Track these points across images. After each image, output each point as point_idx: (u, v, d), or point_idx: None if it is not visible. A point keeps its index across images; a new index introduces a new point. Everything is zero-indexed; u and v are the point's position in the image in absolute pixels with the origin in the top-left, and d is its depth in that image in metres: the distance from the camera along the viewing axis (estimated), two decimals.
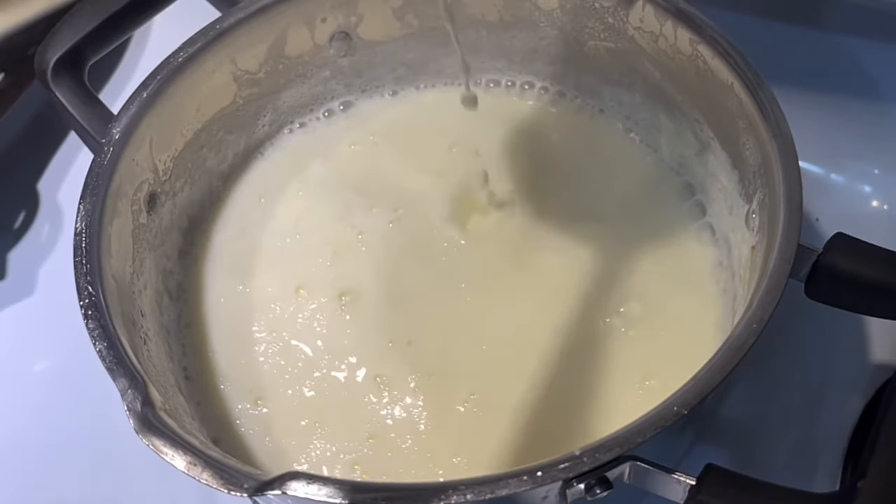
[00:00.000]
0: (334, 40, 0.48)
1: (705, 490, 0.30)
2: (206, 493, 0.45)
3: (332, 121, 0.50)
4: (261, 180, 0.48)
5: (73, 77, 0.42)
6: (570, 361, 0.40)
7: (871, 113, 0.50)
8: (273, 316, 0.43)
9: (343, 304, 0.43)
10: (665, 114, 0.45)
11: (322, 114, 0.50)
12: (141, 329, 0.37)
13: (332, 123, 0.50)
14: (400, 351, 0.41)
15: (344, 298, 0.43)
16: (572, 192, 0.46)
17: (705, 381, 0.30)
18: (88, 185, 0.38)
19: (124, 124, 0.39)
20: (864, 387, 0.45)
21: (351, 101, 0.50)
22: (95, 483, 0.46)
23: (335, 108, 0.50)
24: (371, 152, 0.48)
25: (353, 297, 0.43)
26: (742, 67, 0.38)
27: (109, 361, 0.32)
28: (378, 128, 0.49)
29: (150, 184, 0.41)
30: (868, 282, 0.34)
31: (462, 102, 0.45)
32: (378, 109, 0.50)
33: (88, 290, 0.34)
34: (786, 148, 0.35)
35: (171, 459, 0.30)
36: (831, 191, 0.51)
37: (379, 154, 0.48)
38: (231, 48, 0.44)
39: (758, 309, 0.31)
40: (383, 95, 0.50)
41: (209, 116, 0.45)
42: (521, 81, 0.50)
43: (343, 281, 0.44)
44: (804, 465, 0.44)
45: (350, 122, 0.50)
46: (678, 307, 0.41)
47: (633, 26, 0.43)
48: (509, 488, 0.28)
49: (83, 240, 0.36)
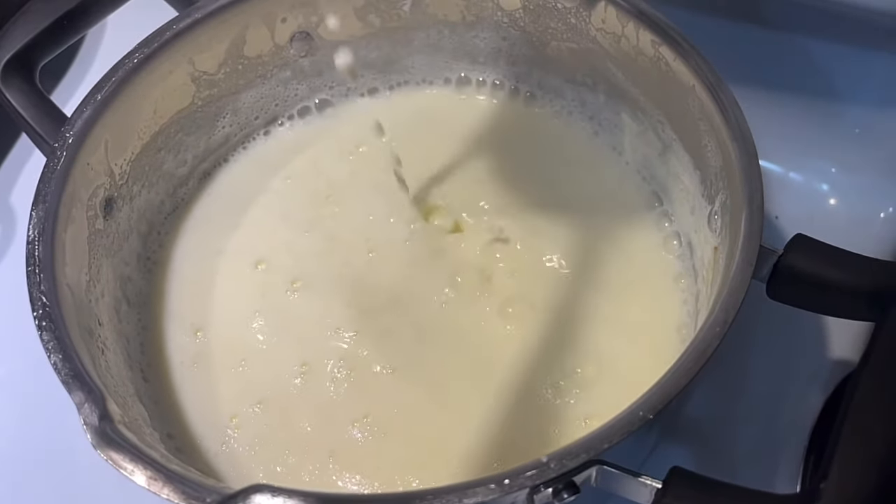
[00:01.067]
0: (294, 40, 0.47)
1: (671, 493, 0.30)
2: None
3: (298, 124, 0.49)
4: (223, 184, 0.47)
5: (24, 78, 0.41)
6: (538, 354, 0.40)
7: (829, 112, 0.51)
8: (235, 315, 0.42)
9: (298, 298, 0.43)
10: (628, 114, 0.45)
11: (287, 117, 0.49)
12: (98, 339, 0.36)
13: (299, 127, 0.49)
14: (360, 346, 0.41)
15: (297, 291, 0.43)
16: (535, 191, 0.46)
17: (671, 384, 0.30)
18: (41, 191, 0.37)
19: (78, 127, 0.38)
20: (823, 383, 0.46)
21: (309, 106, 0.50)
22: (52, 498, 0.44)
23: (303, 110, 0.50)
24: (338, 155, 0.48)
25: (310, 291, 0.43)
26: (703, 69, 0.39)
27: (65, 374, 0.31)
28: (344, 132, 0.49)
29: (106, 188, 0.40)
30: (827, 282, 0.34)
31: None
32: (343, 111, 0.50)
33: (42, 300, 0.33)
34: (747, 150, 0.36)
35: (130, 475, 0.29)
36: (790, 189, 0.52)
37: (344, 157, 0.48)
38: (189, 48, 0.43)
39: (721, 312, 0.32)
40: (348, 97, 0.50)
41: (167, 118, 0.44)
42: (488, 79, 0.50)
43: (305, 279, 0.43)
44: (766, 461, 0.44)
45: (317, 125, 0.49)
46: (640, 306, 0.42)
47: (596, 27, 0.43)
48: (477, 496, 0.28)
49: (36, 248, 0.35)
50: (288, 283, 0.43)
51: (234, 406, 0.39)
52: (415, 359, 0.40)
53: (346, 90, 0.50)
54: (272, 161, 0.48)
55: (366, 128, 0.46)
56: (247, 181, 0.47)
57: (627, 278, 0.43)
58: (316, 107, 0.50)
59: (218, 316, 0.42)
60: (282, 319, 0.42)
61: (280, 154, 0.48)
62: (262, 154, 0.48)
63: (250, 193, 0.47)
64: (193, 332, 0.42)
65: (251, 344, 0.41)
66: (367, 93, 0.50)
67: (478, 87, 0.50)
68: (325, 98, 0.50)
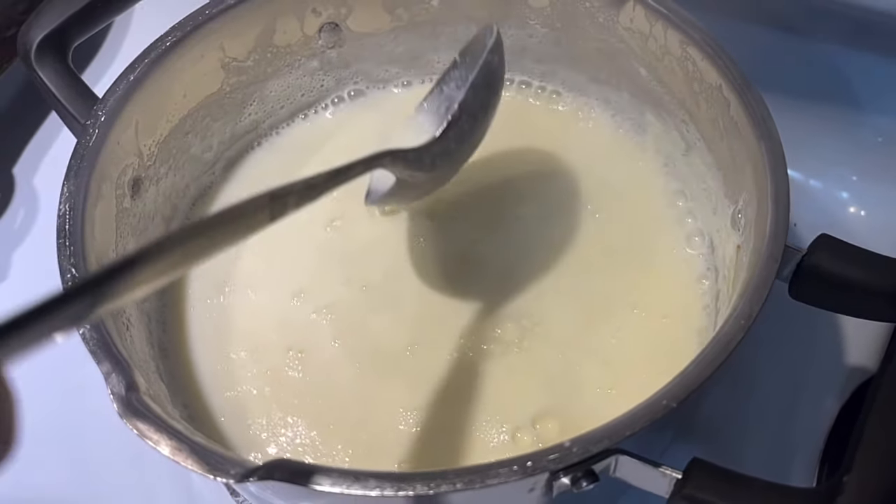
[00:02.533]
0: (323, 31, 0.47)
1: (691, 484, 0.30)
2: (182, 482, 0.45)
3: (326, 115, 0.50)
4: (249, 172, 0.47)
5: (57, 58, 0.42)
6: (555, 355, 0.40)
7: (851, 120, 0.51)
8: (254, 308, 0.43)
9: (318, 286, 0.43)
10: (652, 113, 0.45)
11: (317, 108, 0.50)
12: (123, 315, 0.37)
13: (327, 117, 0.49)
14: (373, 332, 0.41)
15: (311, 291, 0.43)
16: (552, 188, 0.46)
17: (694, 375, 0.30)
18: (72, 167, 0.37)
19: (110, 106, 0.39)
20: (839, 390, 0.46)
21: (342, 96, 0.50)
22: (68, 473, 0.45)
23: (334, 100, 0.50)
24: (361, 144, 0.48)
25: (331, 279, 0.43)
26: (731, 70, 0.39)
27: (93, 344, 0.31)
28: (369, 122, 0.49)
29: (134, 168, 0.41)
30: (852, 283, 0.34)
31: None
32: (372, 103, 0.50)
33: (72, 272, 0.34)
34: (774, 149, 0.36)
35: (155, 444, 0.29)
36: (809, 196, 0.52)
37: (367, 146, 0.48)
38: (220, 34, 0.43)
39: (746, 305, 0.32)
40: (382, 88, 0.50)
41: (195, 103, 0.44)
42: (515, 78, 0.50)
43: (326, 274, 0.43)
44: (780, 465, 0.44)
45: (345, 115, 0.49)
46: (662, 305, 0.42)
47: (623, 26, 0.44)
48: (499, 478, 0.28)
49: (66, 221, 0.35)
50: (309, 275, 0.43)
51: (253, 383, 0.40)
52: (435, 327, 0.41)
53: (383, 84, 0.50)
54: (300, 150, 0.48)
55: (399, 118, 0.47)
56: (273, 170, 0.47)
57: (648, 277, 0.43)
58: (349, 96, 0.50)
59: (239, 297, 0.42)
60: (304, 304, 0.42)
61: (307, 143, 0.48)
62: (288, 143, 0.48)
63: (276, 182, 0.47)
64: (215, 309, 0.42)
65: (272, 327, 0.42)
66: (401, 85, 0.50)
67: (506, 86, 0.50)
68: (359, 89, 0.50)
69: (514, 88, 0.50)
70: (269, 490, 0.33)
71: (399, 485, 0.28)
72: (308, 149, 0.48)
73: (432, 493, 0.28)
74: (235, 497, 0.44)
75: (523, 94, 0.50)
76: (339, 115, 0.50)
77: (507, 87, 0.50)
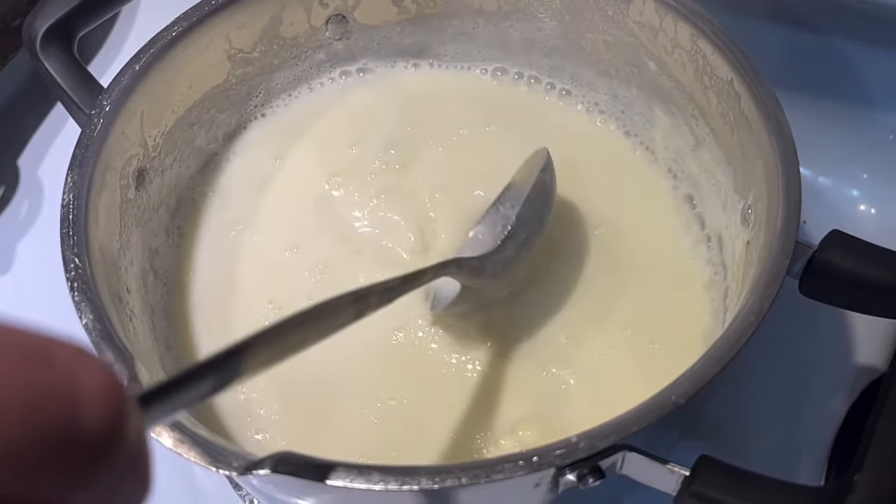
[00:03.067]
0: (331, 23, 0.47)
1: (699, 481, 0.29)
2: (186, 476, 0.44)
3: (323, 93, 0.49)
4: (250, 164, 0.47)
5: (63, 48, 0.41)
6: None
7: (862, 118, 0.51)
8: (256, 297, 0.42)
9: (323, 275, 0.42)
10: (661, 108, 0.45)
11: (315, 93, 0.49)
12: (127, 305, 0.37)
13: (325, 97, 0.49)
14: None
15: (320, 267, 0.42)
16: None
17: (703, 372, 0.30)
18: (77, 156, 0.37)
19: (115, 96, 0.38)
20: (849, 388, 0.45)
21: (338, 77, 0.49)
22: None
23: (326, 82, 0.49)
24: (363, 133, 0.48)
25: (335, 266, 0.43)
26: (742, 63, 0.38)
27: (96, 335, 0.31)
28: (373, 106, 0.48)
29: (139, 159, 0.40)
30: (864, 280, 0.34)
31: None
32: (373, 91, 0.49)
33: (75, 262, 0.33)
34: (785, 144, 0.36)
35: (157, 436, 0.29)
36: (820, 194, 0.52)
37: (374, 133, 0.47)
38: (226, 25, 0.43)
39: (756, 302, 0.31)
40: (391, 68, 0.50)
41: (201, 94, 0.44)
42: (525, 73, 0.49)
43: (332, 258, 0.43)
44: (787, 465, 0.44)
45: (343, 101, 0.49)
46: (670, 300, 0.41)
47: (633, 20, 0.43)
48: (505, 473, 0.28)
49: (70, 211, 0.35)
50: (312, 259, 0.43)
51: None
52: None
53: (392, 65, 0.50)
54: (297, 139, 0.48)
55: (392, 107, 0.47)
56: (274, 159, 0.47)
57: (655, 273, 0.42)
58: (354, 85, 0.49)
59: (244, 289, 0.42)
60: (308, 292, 0.42)
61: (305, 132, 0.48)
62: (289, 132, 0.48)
63: (277, 170, 0.46)
64: (218, 303, 0.42)
65: (274, 315, 0.41)
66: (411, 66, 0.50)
67: (516, 80, 0.50)
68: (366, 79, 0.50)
69: (525, 83, 0.49)
70: (271, 484, 0.33)
71: (403, 479, 0.28)
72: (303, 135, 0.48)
73: (437, 487, 0.28)
74: (238, 491, 0.43)
75: (533, 89, 0.49)
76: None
77: (516, 83, 0.49)
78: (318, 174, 0.46)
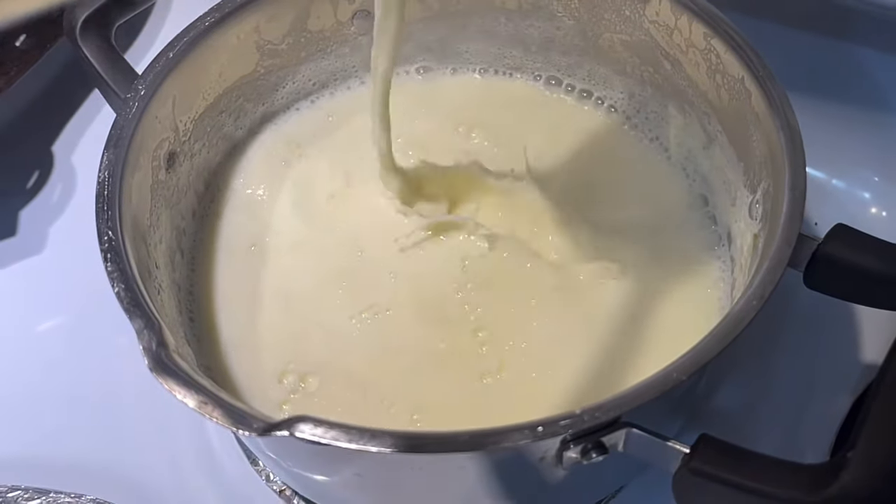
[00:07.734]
0: (356, 18, 0.49)
1: (699, 458, 0.30)
2: (205, 453, 0.46)
3: (350, 94, 0.51)
4: (275, 154, 0.49)
5: (101, 36, 0.43)
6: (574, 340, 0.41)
7: (875, 121, 0.51)
8: (279, 281, 0.44)
9: (355, 262, 0.44)
10: (674, 106, 0.46)
11: (342, 89, 0.51)
12: (155, 280, 0.38)
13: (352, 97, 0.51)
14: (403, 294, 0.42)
15: (357, 254, 0.44)
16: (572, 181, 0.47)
17: (705, 350, 0.31)
18: (112, 136, 0.38)
19: (150, 81, 0.40)
20: (853, 384, 0.46)
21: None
22: (97, 440, 0.46)
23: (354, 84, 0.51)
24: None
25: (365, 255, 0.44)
26: (754, 62, 0.39)
27: (127, 302, 0.33)
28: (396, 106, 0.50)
29: (170, 142, 0.42)
30: (867, 271, 0.35)
31: None
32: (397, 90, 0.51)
33: (109, 234, 0.35)
34: (793, 138, 0.37)
35: (183, 398, 0.30)
36: (831, 196, 0.52)
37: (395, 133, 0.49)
38: (257, 17, 0.45)
39: (759, 287, 0.32)
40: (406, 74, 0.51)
41: (230, 83, 0.46)
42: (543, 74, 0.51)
43: (353, 244, 0.44)
44: (790, 458, 0.44)
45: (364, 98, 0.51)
46: (678, 293, 0.42)
47: (650, 19, 0.44)
48: (510, 440, 0.29)
49: (105, 188, 0.37)
50: (337, 244, 0.44)
51: (279, 351, 0.41)
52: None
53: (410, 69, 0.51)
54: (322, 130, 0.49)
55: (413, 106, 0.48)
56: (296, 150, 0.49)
57: (663, 267, 0.43)
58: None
59: (271, 267, 0.44)
60: (329, 274, 0.43)
61: (328, 124, 0.50)
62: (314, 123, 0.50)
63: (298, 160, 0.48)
64: (243, 281, 0.43)
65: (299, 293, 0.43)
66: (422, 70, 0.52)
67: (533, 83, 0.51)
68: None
69: (543, 83, 0.51)
70: (289, 449, 0.35)
71: (413, 443, 0.29)
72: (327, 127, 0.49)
73: (446, 453, 0.29)
74: (255, 466, 0.45)
75: (553, 90, 0.51)
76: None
77: (535, 83, 0.51)
78: (337, 171, 0.48)
